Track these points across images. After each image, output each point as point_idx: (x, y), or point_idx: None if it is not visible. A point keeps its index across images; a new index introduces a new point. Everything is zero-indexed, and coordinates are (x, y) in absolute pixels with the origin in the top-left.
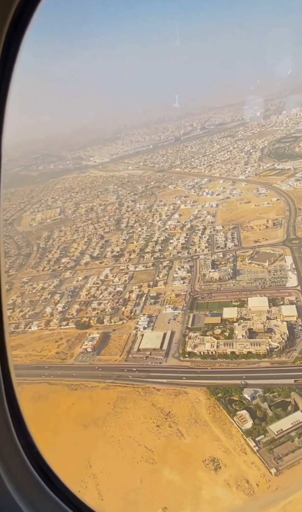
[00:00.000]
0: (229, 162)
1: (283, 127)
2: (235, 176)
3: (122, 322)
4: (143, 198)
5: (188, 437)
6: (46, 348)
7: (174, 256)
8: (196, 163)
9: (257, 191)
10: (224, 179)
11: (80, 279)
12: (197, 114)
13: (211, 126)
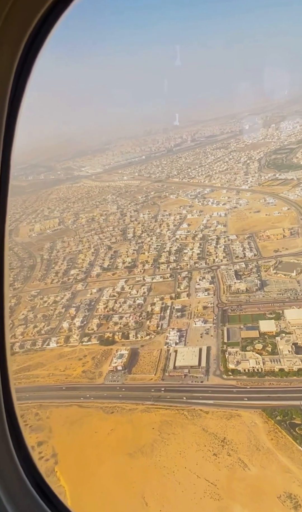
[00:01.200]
0: (228, 172)
1: (276, 139)
2: (237, 186)
3: (150, 337)
4: (145, 208)
5: (253, 467)
6: (70, 367)
7: (192, 266)
8: (194, 174)
9: (265, 200)
10: (227, 189)
11: (94, 291)
12: (184, 127)
13: (201, 138)
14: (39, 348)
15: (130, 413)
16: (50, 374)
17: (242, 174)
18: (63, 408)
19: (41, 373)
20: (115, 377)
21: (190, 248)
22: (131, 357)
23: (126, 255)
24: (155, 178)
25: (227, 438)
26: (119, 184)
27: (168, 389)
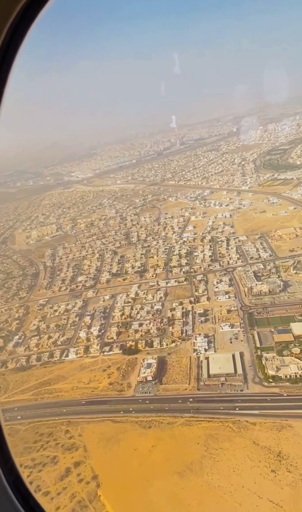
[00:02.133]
0: (225, 174)
1: (266, 141)
2: (237, 187)
3: (176, 344)
4: (145, 211)
5: None
6: (94, 379)
7: (206, 269)
8: (189, 176)
9: (268, 200)
10: (227, 190)
11: (106, 298)
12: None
13: (190, 141)
14: (58, 360)
15: (170, 427)
16: (73, 388)
17: (239, 175)
18: (95, 424)
19: (63, 386)
20: (146, 389)
21: (201, 251)
22: (159, 366)
23: (134, 260)
24: (150, 181)
25: (283, 452)
26: (113, 188)
27: (206, 400)
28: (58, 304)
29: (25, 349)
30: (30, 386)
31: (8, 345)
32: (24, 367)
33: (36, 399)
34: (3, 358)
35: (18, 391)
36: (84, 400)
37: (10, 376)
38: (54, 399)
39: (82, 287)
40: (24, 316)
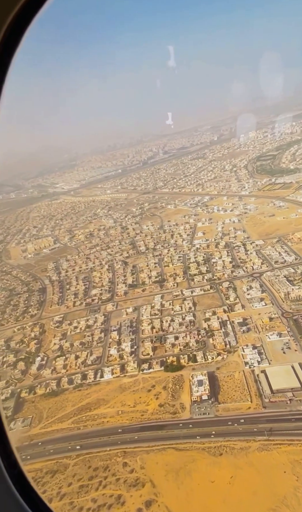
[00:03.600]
0: (218, 180)
1: (251, 147)
2: (235, 192)
3: (222, 358)
4: (145, 219)
5: None
6: (140, 401)
7: (230, 276)
8: (182, 183)
9: (274, 204)
10: (227, 196)
11: (129, 311)
12: (148, 141)
13: (173, 150)
14: (93, 382)
15: (244, 453)
16: (119, 412)
17: (234, 181)
18: (156, 453)
19: (106, 411)
20: (203, 409)
21: (218, 257)
22: (211, 382)
23: (149, 269)
24: (141, 190)
25: None
26: (105, 198)
27: (278, 419)
28: (77, 320)
29: (52, 371)
30: (68, 413)
31: (31, 368)
32: (56, 391)
33: (79, 428)
34: (28, 383)
35: (55, 419)
36: (135, 426)
37: (41, 402)
38: (99, 426)
39: (98, 301)
40: (41, 335)
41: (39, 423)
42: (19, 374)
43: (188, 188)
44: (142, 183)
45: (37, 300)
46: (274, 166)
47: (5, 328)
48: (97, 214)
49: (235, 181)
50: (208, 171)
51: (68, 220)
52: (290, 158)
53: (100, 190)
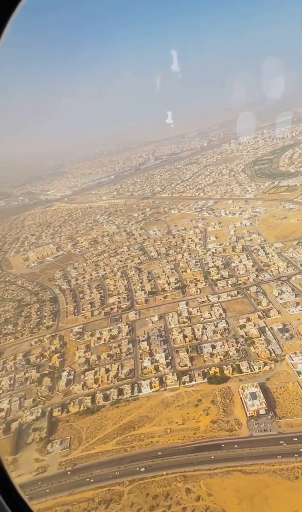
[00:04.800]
0: (218, 184)
1: (245, 152)
2: (239, 195)
3: (270, 367)
4: (150, 224)
5: None
6: (189, 418)
7: (255, 280)
8: (181, 188)
9: (283, 207)
10: (232, 200)
11: (154, 319)
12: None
13: (164, 156)
14: (131, 397)
15: None
16: (167, 431)
17: (235, 184)
18: (221, 477)
19: (153, 430)
20: (263, 425)
21: (238, 261)
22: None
23: (166, 275)
24: (139, 195)
25: None
26: (102, 204)
27: None
28: (99, 330)
29: (83, 387)
30: (110, 433)
31: (58, 384)
32: (91, 409)
33: (125, 449)
34: (58, 400)
35: (96, 440)
36: (189, 446)
37: (78, 422)
38: (149, 447)
39: (118, 310)
40: (62, 348)
41: (79, 445)
42: (46, 391)
43: (188, 192)
44: (139, 188)
45: (50, 311)
46: (273, 170)
47: (21, 341)
48: (97, 220)
49: (237, 185)
50: (205, 176)
51: (67, 227)
52: (287, 161)
53: (95, 196)
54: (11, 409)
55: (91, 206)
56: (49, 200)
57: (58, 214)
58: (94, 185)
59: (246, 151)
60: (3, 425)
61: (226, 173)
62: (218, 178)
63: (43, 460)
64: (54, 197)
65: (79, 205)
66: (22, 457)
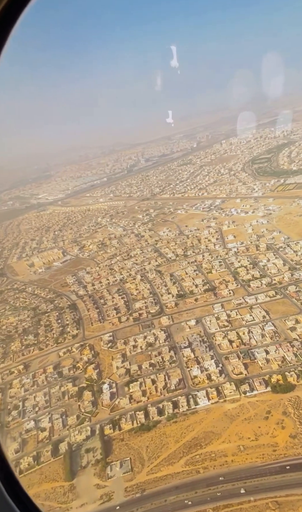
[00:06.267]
0: (220, 184)
1: (239, 152)
2: (246, 194)
3: None
4: (158, 226)
5: None
6: (262, 432)
7: (291, 279)
8: (181, 189)
9: (297, 204)
10: (240, 198)
11: (192, 324)
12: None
13: (154, 158)
14: (187, 410)
15: None
16: (240, 448)
17: (239, 183)
18: None
19: (224, 447)
20: None
21: (266, 260)
22: None
23: (190, 277)
24: (138, 196)
25: None
26: (101, 207)
27: None
28: (132, 338)
29: (131, 401)
30: (174, 452)
31: (101, 398)
32: (146, 425)
33: (197, 471)
34: (105, 416)
35: (161, 461)
36: (271, 465)
37: (134, 440)
38: (225, 468)
39: (147, 315)
40: (95, 358)
41: (142, 467)
42: (89, 406)
43: (191, 192)
44: (136, 190)
45: (71, 318)
46: (275, 168)
47: (47, 353)
48: (100, 223)
49: (240, 184)
50: (203, 176)
51: (68, 230)
52: (287, 160)
53: (90, 199)
54: (54, 428)
55: (89, 208)
56: (42, 204)
57: (55, 218)
58: (87, 188)
59: (240, 150)
60: (50, 447)
61: (225, 172)
62: (218, 177)
63: (105, 486)
64: (46, 201)
65: (75, 208)
66: (81, 483)
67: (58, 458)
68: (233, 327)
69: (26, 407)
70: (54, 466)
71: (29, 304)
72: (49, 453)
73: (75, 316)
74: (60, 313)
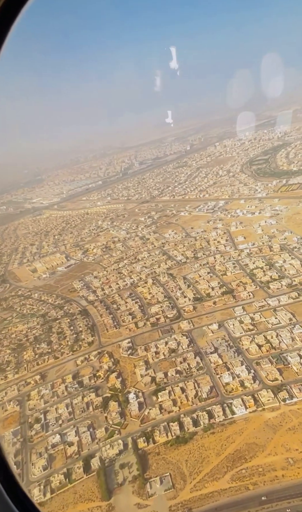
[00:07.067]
0: (222, 185)
1: (235, 154)
2: (249, 195)
3: None
4: (163, 228)
5: None
6: None
7: None
8: (180, 191)
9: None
10: (244, 199)
11: (214, 328)
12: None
13: (148, 161)
14: (224, 420)
15: None
16: (289, 461)
17: (240, 184)
18: None
19: (271, 461)
20: None
21: (282, 261)
22: None
23: (205, 280)
24: (137, 199)
25: None
26: (100, 210)
27: None
28: (153, 344)
29: (161, 411)
30: (217, 466)
31: (129, 408)
32: (182, 437)
33: (246, 487)
34: (135, 428)
35: (204, 476)
36: None
37: (171, 454)
38: (276, 483)
39: (165, 319)
40: (115, 366)
41: (184, 484)
42: (117, 417)
43: (191, 194)
44: (133, 192)
45: (84, 325)
46: (274, 169)
47: (63, 361)
48: (100, 226)
49: (241, 185)
50: (202, 178)
51: (69, 234)
52: (285, 161)
53: (87, 202)
54: (82, 441)
55: (87, 212)
56: (37, 208)
57: (53, 222)
58: (83, 191)
59: (236, 152)
60: (80, 462)
61: (224, 174)
62: (218, 179)
63: (146, 505)
64: (41, 205)
65: (73, 212)
66: (120, 502)
67: (91, 475)
68: (259, 331)
69: (49, 420)
70: (88, 484)
71: (37, 311)
72: (81, 469)
73: (88, 322)
74: (72, 320)
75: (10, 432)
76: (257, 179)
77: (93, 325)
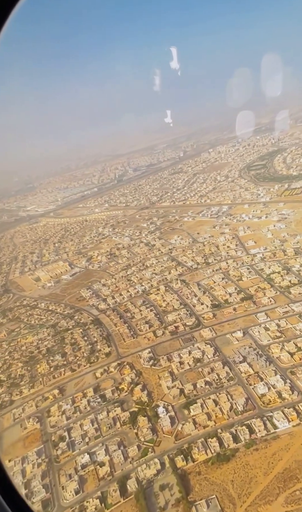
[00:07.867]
0: (223, 190)
1: (231, 160)
2: (252, 200)
3: None
4: (168, 234)
5: None
6: None
7: None
8: (179, 196)
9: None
10: (248, 204)
11: (239, 335)
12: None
13: (142, 167)
14: (267, 435)
15: None
16: None
17: (241, 189)
18: None
19: None
20: None
21: (300, 265)
22: None
23: (220, 286)
24: (136, 205)
25: None
26: (99, 217)
27: None
28: (175, 353)
29: (196, 426)
30: (268, 487)
31: (160, 424)
32: (223, 454)
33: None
34: (170, 445)
35: (255, 499)
36: None
37: (214, 473)
38: None
39: (184, 328)
40: (138, 378)
41: (234, 507)
42: (149, 434)
43: (192, 200)
44: (132, 199)
45: (99, 335)
46: (273, 174)
47: (81, 374)
48: (102, 233)
49: (242, 190)
50: (200, 183)
51: (69, 242)
52: (283, 166)
53: (85, 209)
54: (114, 461)
55: (86, 219)
56: (32, 216)
57: (51, 230)
58: (78, 199)
59: (231, 158)
60: (115, 484)
61: (222, 179)
62: (217, 184)
63: None
64: (36, 213)
65: (71, 219)
66: None
67: (128, 499)
68: (287, 338)
69: (74, 438)
70: (126, 509)
71: (46, 321)
72: (117, 492)
73: (102, 332)
74: (85, 330)
75: (33, 452)
76: (258, 184)
77: (108, 335)
